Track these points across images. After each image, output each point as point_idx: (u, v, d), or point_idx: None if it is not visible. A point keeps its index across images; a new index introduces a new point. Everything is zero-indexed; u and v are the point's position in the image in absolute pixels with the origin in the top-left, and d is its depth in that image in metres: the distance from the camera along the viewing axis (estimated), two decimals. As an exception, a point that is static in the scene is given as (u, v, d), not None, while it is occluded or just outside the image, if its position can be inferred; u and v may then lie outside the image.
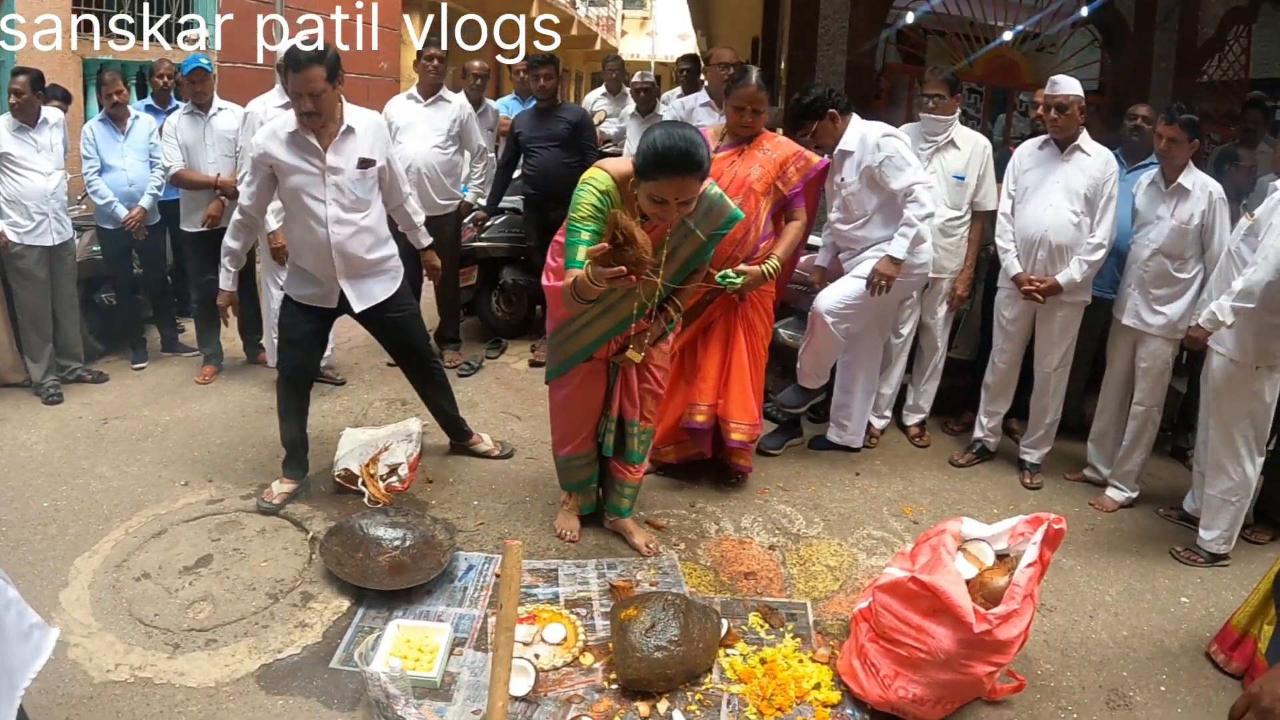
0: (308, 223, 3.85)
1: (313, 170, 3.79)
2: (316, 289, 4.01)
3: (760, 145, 4.14)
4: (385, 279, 4.13)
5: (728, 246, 3.97)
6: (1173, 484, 4.64)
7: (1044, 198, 4.34)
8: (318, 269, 3.94)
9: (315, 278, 3.98)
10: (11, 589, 1.91)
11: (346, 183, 3.84)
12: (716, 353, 4.28)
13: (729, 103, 4.12)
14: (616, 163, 3.41)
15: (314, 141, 3.76)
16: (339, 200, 3.84)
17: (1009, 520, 3.11)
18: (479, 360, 6.10)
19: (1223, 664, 3.31)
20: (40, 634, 1.96)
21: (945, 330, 5.00)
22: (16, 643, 1.87)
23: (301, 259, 3.98)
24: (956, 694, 2.91)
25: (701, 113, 5.90)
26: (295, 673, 3.08)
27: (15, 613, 1.90)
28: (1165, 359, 4.23)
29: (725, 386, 4.27)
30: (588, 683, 3.05)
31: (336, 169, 3.80)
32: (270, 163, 3.77)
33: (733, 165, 4.10)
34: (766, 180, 4.08)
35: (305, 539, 3.88)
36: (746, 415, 4.26)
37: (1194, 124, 3.96)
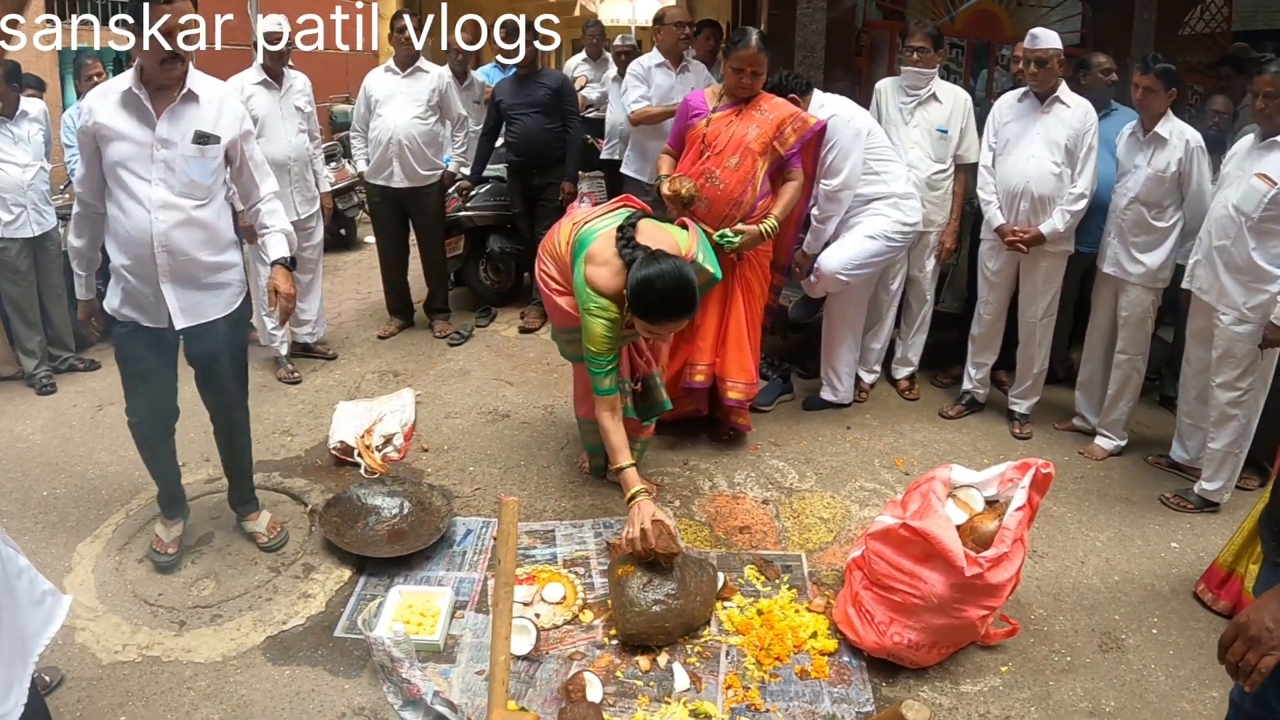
0: (128, 206, 3.11)
1: (140, 140, 3.09)
2: (135, 304, 3.23)
3: (758, 106, 4.13)
4: (222, 295, 3.34)
5: (725, 207, 4.03)
6: (1161, 432, 4.69)
7: (1025, 150, 4.35)
8: (138, 269, 3.16)
9: (135, 286, 3.19)
10: (22, 558, 1.93)
11: (179, 159, 3.12)
12: (714, 313, 4.28)
13: (728, 64, 4.08)
14: (607, 278, 3.31)
15: (147, 104, 3.08)
16: (167, 181, 3.11)
17: (998, 466, 3.15)
18: (469, 329, 6.12)
19: (1210, 602, 3.37)
20: (53, 601, 1.98)
21: (933, 283, 5.03)
22: (29, 609, 1.89)
23: (120, 256, 3.19)
24: (951, 638, 2.96)
25: (659, 73, 5.72)
26: (300, 643, 3.13)
27: (27, 580, 1.92)
28: (1146, 307, 4.25)
29: (723, 345, 4.29)
30: (588, 639, 3.11)
31: (168, 141, 3.10)
32: (94, 130, 3.08)
33: (730, 125, 4.10)
34: (764, 140, 4.07)
35: (304, 512, 3.92)
36: (744, 374, 4.30)
37: (1170, 73, 3.96)
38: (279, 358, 5.36)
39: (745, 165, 4.06)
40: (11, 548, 1.89)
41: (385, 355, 5.74)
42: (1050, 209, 4.33)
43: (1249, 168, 3.63)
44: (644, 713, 2.77)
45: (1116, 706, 2.89)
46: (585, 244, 3.42)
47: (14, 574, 1.86)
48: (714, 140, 4.10)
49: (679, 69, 5.70)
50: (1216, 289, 3.77)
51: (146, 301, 3.20)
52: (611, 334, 3.32)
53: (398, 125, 5.47)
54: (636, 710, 2.78)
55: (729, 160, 4.06)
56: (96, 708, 2.81)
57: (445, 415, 4.83)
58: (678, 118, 4.33)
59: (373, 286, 6.86)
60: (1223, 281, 3.73)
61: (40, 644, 1.89)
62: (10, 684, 1.79)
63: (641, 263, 3.17)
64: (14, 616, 1.82)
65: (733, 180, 4.06)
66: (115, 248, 3.19)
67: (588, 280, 3.32)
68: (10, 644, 1.80)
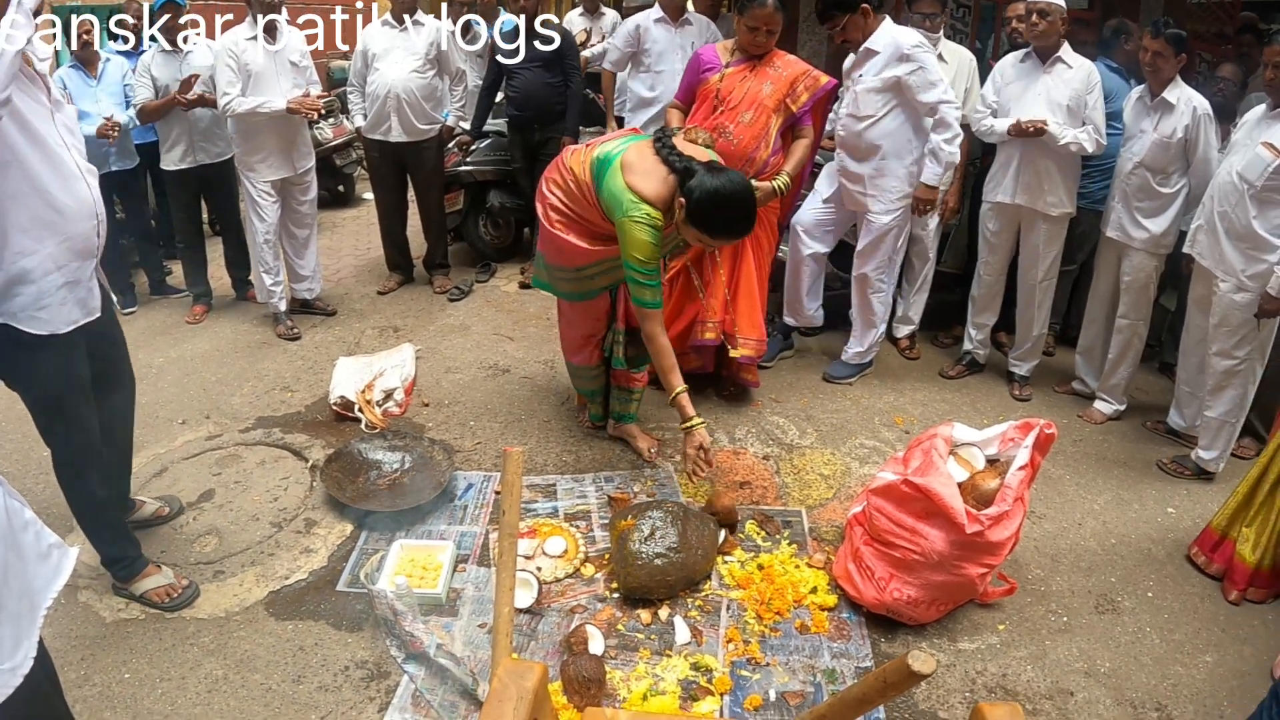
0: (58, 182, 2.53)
1: (39, 103, 2.51)
2: (73, 297, 2.65)
3: (771, 63, 4.08)
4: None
5: (739, 164, 3.97)
6: (1161, 398, 4.69)
7: (1026, 110, 4.29)
8: (72, 252, 2.60)
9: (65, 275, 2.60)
10: (28, 510, 1.91)
11: (72, 123, 2.68)
12: (725, 269, 4.24)
13: (742, 21, 3.99)
14: (655, 186, 3.21)
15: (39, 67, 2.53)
16: (76, 145, 2.64)
17: (999, 425, 3.16)
18: (469, 284, 6.09)
19: (1204, 565, 3.41)
20: (59, 554, 1.96)
21: (935, 242, 5.00)
22: (36, 563, 1.87)
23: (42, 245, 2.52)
24: (950, 595, 2.99)
25: (657, 30, 5.56)
26: (303, 598, 3.14)
27: (33, 533, 1.90)
28: (1149, 273, 4.24)
29: (734, 302, 4.26)
30: (590, 592, 3.13)
31: (59, 102, 2.62)
32: None
33: (744, 81, 4.06)
34: (777, 97, 4.04)
35: (305, 467, 3.92)
36: (755, 330, 4.27)
37: (1180, 38, 3.91)
38: (278, 314, 5.35)
39: (760, 121, 4.03)
40: (17, 500, 1.87)
41: (385, 311, 5.73)
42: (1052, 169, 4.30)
43: (1257, 136, 3.61)
44: (645, 665, 2.80)
45: (1111, 668, 2.92)
46: (610, 160, 3.29)
47: (20, 527, 1.84)
48: (728, 95, 4.06)
49: (679, 24, 5.60)
50: (1216, 255, 3.76)
51: (81, 288, 2.68)
52: (657, 241, 3.21)
53: (395, 79, 5.41)
54: (638, 663, 2.81)
55: (743, 116, 4.03)
56: (100, 665, 2.84)
57: (446, 370, 4.83)
58: (688, 71, 4.30)
59: (372, 242, 6.83)
60: (1223, 248, 3.72)
61: (48, 598, 1.88)
62: (19, 639, 1.79)
63: (706, 172, 3.14)
64: (20, 571, 1.81)
65: (747, 136, 4.04)
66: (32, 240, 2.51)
67: (631, 187, 3.19)
68: (17, 599, 1.80)
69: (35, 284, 2.53)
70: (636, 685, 2.71)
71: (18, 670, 1.77)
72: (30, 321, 2.56)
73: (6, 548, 1.78)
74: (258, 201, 5.13)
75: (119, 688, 2.75)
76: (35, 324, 2.57)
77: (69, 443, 2.83)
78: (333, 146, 7.88)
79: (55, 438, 2.82)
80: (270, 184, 5.13)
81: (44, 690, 1.94)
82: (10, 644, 1.76)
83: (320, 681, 2.78)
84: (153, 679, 2.78)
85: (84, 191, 2.60)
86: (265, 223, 5.17)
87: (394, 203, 5.95)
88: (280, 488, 3.77)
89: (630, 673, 2.77)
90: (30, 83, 2.48)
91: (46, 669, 2.00)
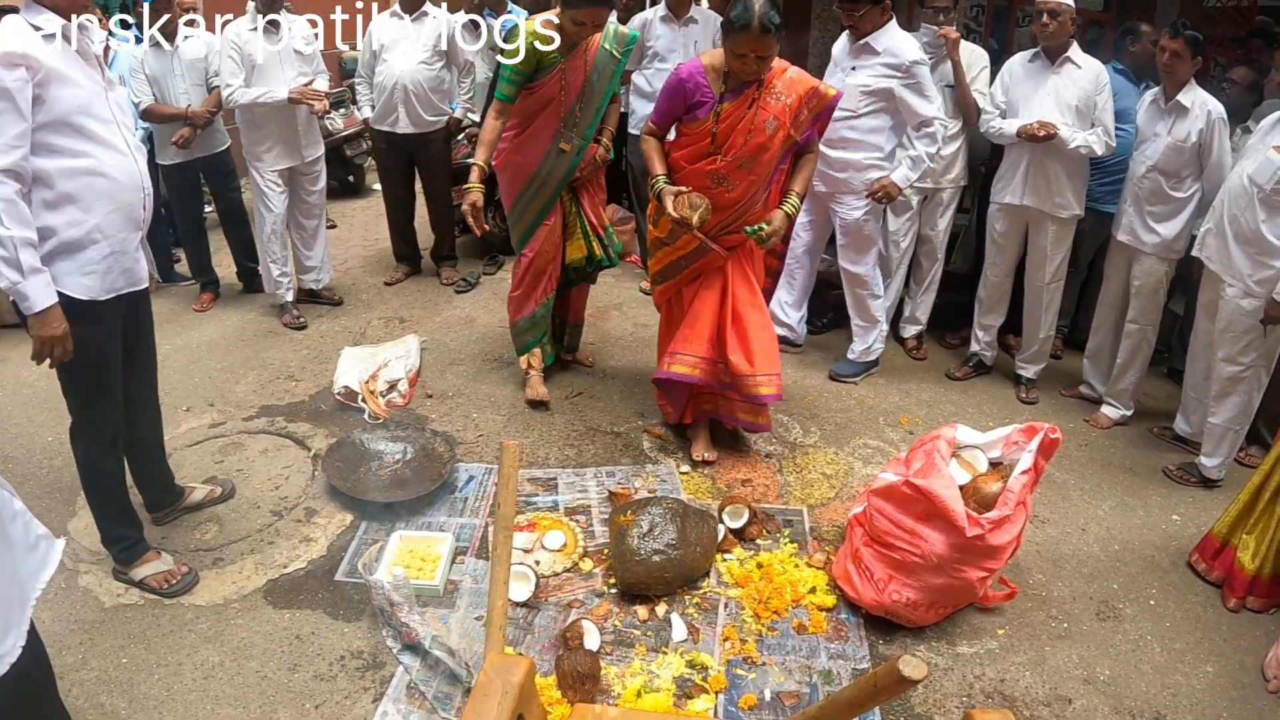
0: (106, 158, 2.70)
1: (95, 82, 2.70)
2: (116, 264, 2.79)
3: (771, 87, 3.46)
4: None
5: (732, 213, 3.60)
6: (1168, 404, 4.65)
7: (1035, 110, 4.26)
8: (122, 223, 2.78)
9: (112, 245, 2.76)
10: (18, 501, 1.92)
11: (123, 102, 2.88)
12: (709, 300, 3.76)
13: (727, 46, 3.37)
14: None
15: (91, 44, 2.73)
16: (126, 123, 2.82)
17: (1003, 429, 3.14)
18: (475, 276, 6.08)
19: (1204, 572, 3.38)
20: (47, 545, 1.98)
21: (944, 242, 4.97)
22: (24, 554, 1.89)
23: (92, 215, 2.68)
24: (949, 598, 2.97)
25: (661, 27, 5.51)
26: (301, 586, 3.15)
27: (21, 524, 1.91)
28: (1159, 277, 4.20)
29: (743, 336, 3.71)
30: (587, 587, 3.12)
31: (112, 82, 2.83)
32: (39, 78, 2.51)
33: (743, 118, 3.46)
34: (783, 133, 3.48)
35: (307, 456, 3.92)
36: (773, 363, 3.72)
37: (1198, 41, 3.87)
38: (285, 303, 5.36)
39: (762, 165, 3.53)
40: (6, 490, 1.88)
41: (391, 302, 5.73)
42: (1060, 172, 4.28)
43: (1270, 140, 3.58)
44: (641, 662, 2.79)
45: (1111, 675, 2.90)
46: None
47: (8, 518, 1.86)
48: (724, 139, 3.49)
49: (683, 21, 5.55)
50: (1224, 259, 3.72)
51: (128, 259, 2.85)
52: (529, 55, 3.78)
53: (403, 71, 5.40)
54: (633, 659, 2.80)
55: (744, 161, 3.50)
56: (99, 650, 2.85)
57: (450, 362, 4.83)
58: (668, 93, 3.60)
59: (380, 233, 6.83)
60: (1231, 252, 3.69)
61: (36, 589, 1.90)
62: (8, 627, 1.80)
63: None
64: (9, 560, 1.82)
65: (744, 183, 3.54)
66: (82, 211, 2.67)
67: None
68: (7, 588, 1.81)
69: (84, 251, 2.70)
70: (631, 682, 2.71)
71: (4, 658, 1.79)
72: (75, 286, 2.69)
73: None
74: (265, 191, 5.12)
75: (116, 672, 2.76)
76: (80, 289, 2.71)
77: (90, 410, 2.92)
78: (343, 137, 7.88)
79: (77, 403, 2.91)
80: (278, 174, 5.12)
81: (33, 677, 1.95)
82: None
83: (316, 670, 2.78)
84: (150, 664, 2.79)
85: (132, 166, 2.78)
86: (273, 213, 5.16)
87: (401, 194, 5.95)
88: (282, 476, 3.78)
89: (625, 669, 2.77)
90: (86, 62, 2.69)
91: (38, 657, 2.01)
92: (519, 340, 4.45)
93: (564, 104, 3.96)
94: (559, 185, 4.13)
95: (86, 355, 2.74)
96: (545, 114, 3.98)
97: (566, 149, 4.03)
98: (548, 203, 4.16)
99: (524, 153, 4.08)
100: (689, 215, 3.39)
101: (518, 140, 4.07)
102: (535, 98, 3.94)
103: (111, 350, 2.88)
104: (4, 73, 2.42)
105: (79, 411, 2.92)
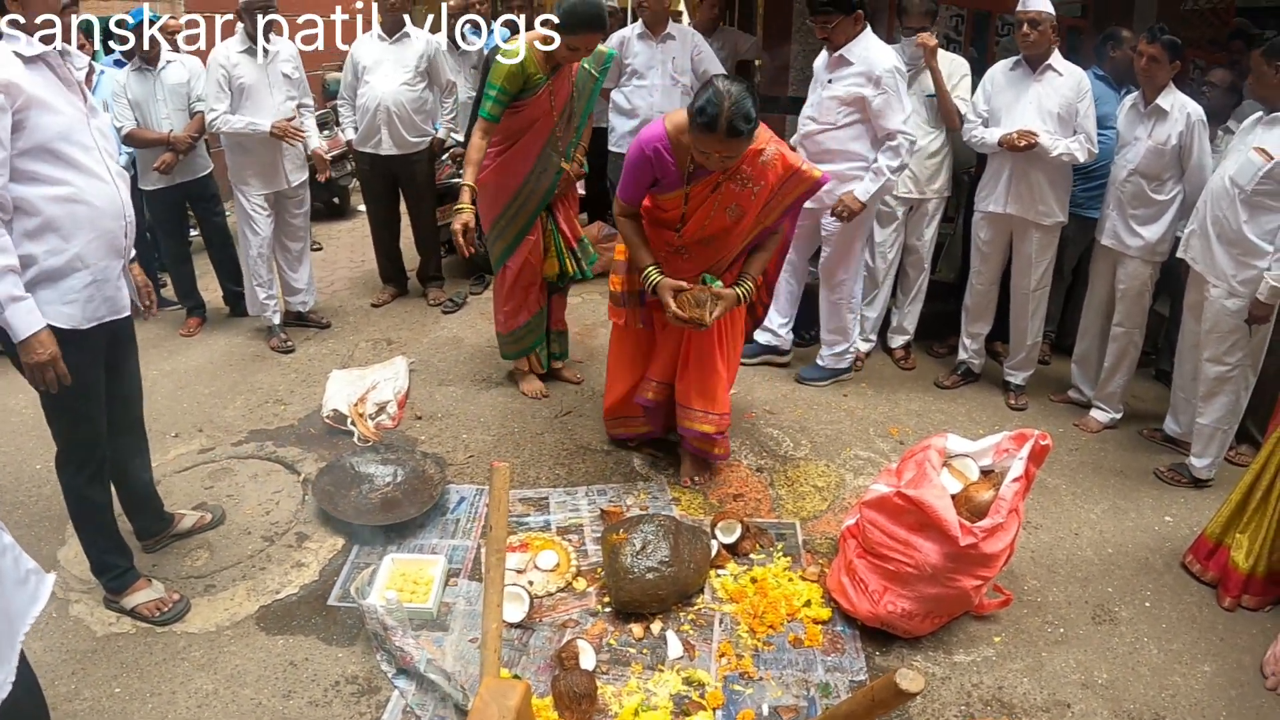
0: (87, 185, 2.65)
1: (76, 109, 2.66)
2: (98, 293, 2.75)
3: (737, 174, 3.26)
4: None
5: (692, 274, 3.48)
6: (1157, 406, 4.67)
7: (1017, 119, 4.29)
8: (103, 251, 2.73)
9: (94, 274, 2.72)
10: (7, 535, 1.90)
11: (105, 128, 2.82)
12: (673, 331, 3.66)
13: (691, 136, 3.09)
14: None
15: (71, 69, 2.69)
16: (109, 150, 2.79)
17: (993, 436, 3.14)
18: (462, 296, 6.07)
19: (1198, 573, 3.39)
20: (37, 580, 1.96)
21: (930, 252, 4.99)
22: (14, 588, 1.87)
23: (73, 243, 2.64)
24: (944, 608, 2.96)
25: (639, 44, 5.54)
26: (294, 612, 3.12)
27: (11, 559, 1.89)
28: (1144, 280, 4.23)
29: (684, 367, 3.70)
30: (581, 606, 3.11)
31: (94, 108, 2.78)
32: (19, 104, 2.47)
33: (710, 201, 3.33)
34: (748, 220, 3.37)
35: (297, 481, 3.90)
36: (709, 403, 3.67)
37: (1175, 45, 3.91)
38: (271, 327, 5.33)
39: (727, 246, 3.46)
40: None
41: (378, 323, 5.71)
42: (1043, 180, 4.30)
43: (1250, 141, 3.61)
44: (637, 680, 2.78)
45: (1109, 679, 2.90)
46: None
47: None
48: (691, 219, 3.39)
49: (660, 38, 5.56)
50: (1208, 260, 3.75)
51: (109, 287, 2.80)
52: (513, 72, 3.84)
53: (386, 92, 5.40)
54: (630, 678, 2.79)
55: (707, 242, 3.45)
56: (91, 679, 2.82)
57: (439, 383, 4.81)
58: (633, 168, 3.34)
59: (366, 255, 6.81)
60: (1215, 253, 3.71)
61: (26, 623, 1.88)
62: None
63: None
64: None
65: (704, 257, 3.50)
66: (61, 239, 2.62)
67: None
68: None
69: (66, 279, 2.66)
70: (628, 700, 2.69)
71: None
72: (57, 315, 2.65)
73: None
74: (251, 215, 5.11)
75: (109, 702, 2.73)
76: (61, 318, 2.66)
77: (73, 439, 2.89)
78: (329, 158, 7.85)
79: (61, 432, 2.88)
80: (263, 197, 5.12)
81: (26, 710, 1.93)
82: None
83: (310, 697, 2.76)
84: (143, 694, 2.76)
85: (114, 193, 2.74)
86: (259, 236, 5.15)
87: (386, 216, 5.94)
88: (272, 501, 3.75)
89: (622, 688, 2.75)
90: (68, 88, 2.66)
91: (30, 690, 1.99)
92: (513, 348, 4.57)
93: (550, 122, 4.01)
94: (541, 202, 4.20)
95: (69, 384, 2.70)
96: (532, 132, 4.03)
97: (563, 166, 4.15)
98: (529, 219, 4.23)
99: (508, 170, 4.13)
100: (699, 315, 3.29)
101: (502, 158, 4.11)
102: (521, 116, 3.98)
103: (93, 379, 2.84)
104: None
105: (63, 440, 2.89)
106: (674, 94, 5.72)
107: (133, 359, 3.16)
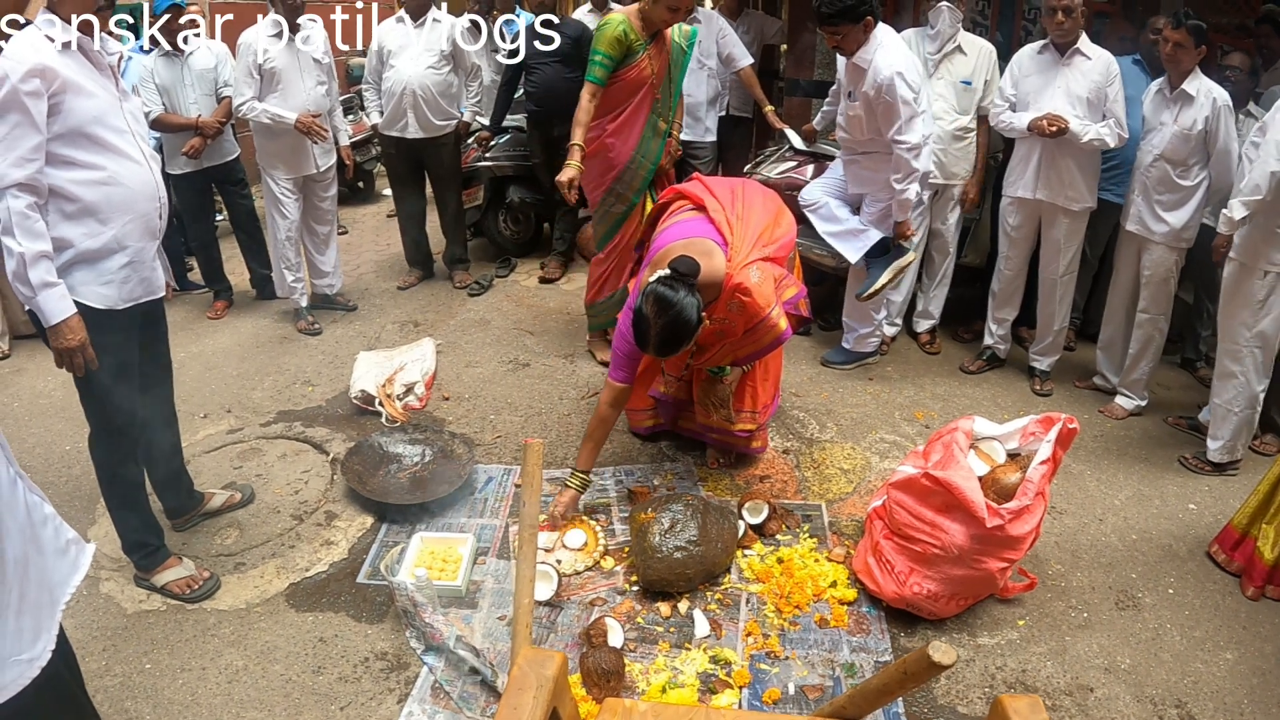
0: (122, 168, 2.70)
1: (109, 93, 2.71)
2: (134, 274, 2.82)
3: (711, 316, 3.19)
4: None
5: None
6: (1182, 394, 4.67)
7: (1046, 103, 4.27)
8: (139, 233, 2.80)
9: (130, 255, 2.79)
10: (48, 505, 1.93)
11: (137, 112, 2.88)
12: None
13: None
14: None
15: (103, 54, 2.74)
16: (141, 133, 2.83)
17: (1020, 420, 3.14)
18: (489, 279, 6.12)
19: (1224, 563, 3.38)
20: (77, 549, 1.99)
21: (955, 236, 4.98)
22: (54, 558, 1.91)
23: (109, 225, 2.70)
24: (970, 590, 2.97)
25: None
26: (323, 589, 3.16)
27: (52, 528, 1.93)
28: (1169, 266, 4.20)
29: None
30: (609, 585, 3.14)
31: (126, 92, 2.82)
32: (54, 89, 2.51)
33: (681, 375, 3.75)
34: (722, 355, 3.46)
35: (326, 461, 3.94)
36: (748, 402, 3.73)
37: (1201, 30, 3.87)
38: (299, 309, 5.39)
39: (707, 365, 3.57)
40: (37, 495, 1.90)
41: (405, 306, 5.75)
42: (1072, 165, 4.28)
43: None
44: (664, 658, 2.80)
45: (1132, 664, 2.90)
46: None
47: (39, 521, 1.87)
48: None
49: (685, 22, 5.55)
50: None
51: (144, 269, 2.86)
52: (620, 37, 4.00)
53: (411, 76, 5.42)
54: (657, 656, 2.82)
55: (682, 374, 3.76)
56: (122, 656, 2.87)
57: (466, 364, 4.85)
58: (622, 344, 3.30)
59: (392, 238, 6.85)
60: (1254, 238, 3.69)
61: (67, 592, 1.91)
62: (39, 630, 1.82)
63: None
64: (40, 564, 1.84)
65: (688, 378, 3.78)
66: (99, 221, 2.68)
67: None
68: (38, 591, 1.83)
69: (103, 261, 2.72)
70: (655, 678, 2.72)
71: (36, 661, 1.80)
72: (93, 296, 2.71)
73: (26, 541, 1.81)
74: (279, 199, 5.16)
75: (140, 678, 2.78)
76: (97, 298, 2.73)
77: (106, 418, 2.92)
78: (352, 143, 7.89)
79: (95, 411, 2.91)
80: (291, 181, 5.16)
81: (63, 679, 1.97)
82: (30, 635, 1.80)
83: (340, 672, 2.80)
84: (174, 669, 2.81)
85: (148, 176, 2.79)
86: (287, 220, 5.20)
87: (412, 199, 5.98)
88: (301, 481, 3.80)
89: (649, 665, 2.78)
90: (102, 73, 2.70)
91: (67, 660, 2.03)
92: (599, 319, 4.78)
93: (654, 89, 4.24)
94: (646, 178, 4.39)
95: (104, 364, 2.74)
96: (639, 99, 4.23)
97: (664, 126, 4.35)
98: (632, 201, 4.42)
99: (619, 138, 4.30)
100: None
101: (613, 126, 4.28)
102: (626, 83, 4.13)
103: (128, 359, 2.89)
104: (20, 86, 2.43)
105: (97, 420, 2.93)
106: (700, 77, 5.72)
107: (163, 339, 3.21)
